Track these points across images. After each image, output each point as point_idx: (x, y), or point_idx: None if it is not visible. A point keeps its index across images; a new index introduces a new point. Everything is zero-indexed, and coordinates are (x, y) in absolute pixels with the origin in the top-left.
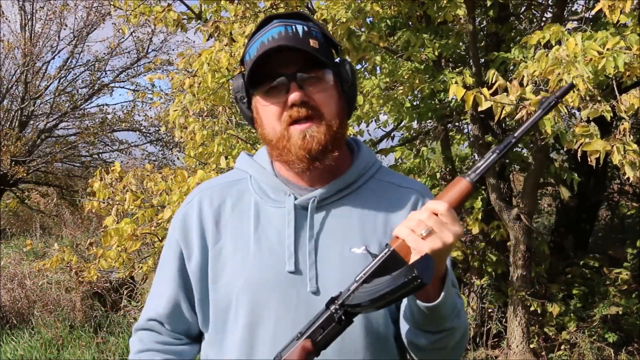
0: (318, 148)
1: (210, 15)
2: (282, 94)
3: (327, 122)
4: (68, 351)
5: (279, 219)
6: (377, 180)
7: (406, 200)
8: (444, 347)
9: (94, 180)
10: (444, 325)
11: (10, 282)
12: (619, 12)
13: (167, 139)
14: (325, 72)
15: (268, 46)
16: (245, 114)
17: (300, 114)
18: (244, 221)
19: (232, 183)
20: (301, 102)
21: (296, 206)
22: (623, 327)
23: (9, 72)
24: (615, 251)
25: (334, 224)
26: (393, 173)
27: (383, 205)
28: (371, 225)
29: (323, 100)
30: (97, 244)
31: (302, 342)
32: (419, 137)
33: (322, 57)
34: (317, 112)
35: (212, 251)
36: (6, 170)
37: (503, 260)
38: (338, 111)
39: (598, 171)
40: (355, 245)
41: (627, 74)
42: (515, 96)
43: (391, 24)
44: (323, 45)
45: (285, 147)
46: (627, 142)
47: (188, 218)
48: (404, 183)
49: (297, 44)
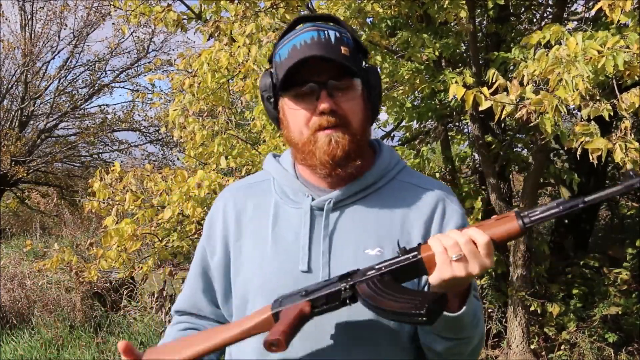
0: (342, 155)
1: (210, 15)
2: (312, 99)
3: (353, 130)
4: (68, 351)
5: (297, 220)
6: (399, 182)
7: (424, 201)
8: (461, 353)
9: (94, 181)
10: (462, 333)
11: (10, 282)
12: (619, 11)
13: (167, 139)
14: (355, 81)
15: (301, 52)
16: (270, 113)
17: (329, 123)
18: (263, 221)
19: (257, 184)
20: (330, 111)
21: (312, 207)
22: (623, 327)
23: (9, 72)
24: (615, 251)
25: (349, 225)
26: (415, 174)
27: (401, 206)
28: (387, 226)
29: (351, 109)
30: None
31: (302, 303)
32: (419, 137)
33: (352, 67)
34: (345, 121)
35: (234, 248)
36: (6, 170)
37: (503, 260)
38: (363, 119)
39: (598, 171)
40: (370, 246)
41: (627, 73)
42: (515, 95)
43: (391, 24)
44: (353, 52)
45: (310, 152)
46: (629, 140)
47: (213, 218)
48: (425, 184)
49: (330, 53)
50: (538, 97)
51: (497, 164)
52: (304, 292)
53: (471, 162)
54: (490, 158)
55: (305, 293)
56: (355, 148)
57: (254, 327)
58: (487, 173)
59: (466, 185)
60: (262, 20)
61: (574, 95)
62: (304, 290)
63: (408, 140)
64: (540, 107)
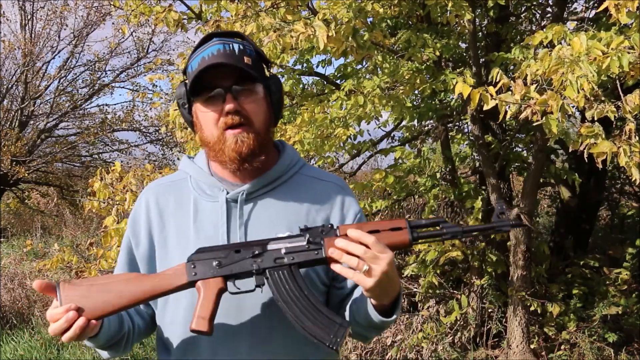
0: (247, 152)
1: (210, 15)
2: (219, 103)
3: (257, 129)
4: (68, 351)
5: (214, 212)
6: (301, 175)
7: (326, 191)
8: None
9: (94, 180)
10: (391, 324)
11: (10, 282)
12: (624, 11)
13: (167, 139)
14: (256, 85)
15: (208, 62)
16: (186, 118)
17: (234, 121)
18: (185, 216)
19: (176, 182)
20: (235, 111)
21: (227, 200)
22: (623, 327)
23: (9, 72)
24: (615, 251)
25: (261, 214)
26: (315, 169)
27: (306, 196)
28: (295, 213)
29: (254, 110)
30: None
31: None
32: (419, 137)
33: (254, 73)
34: (248, 120)
35: (158, 240)
36: (6, 170)
37: (503, 260)
38: (266, 120)
39: (598, 171)
40: (281, 231)
41: (631, 73)
42: (519, 95)
43: (392, 24)
44: (255, 62)
45: (220, 149)
46: (633, 143)
47: (137, 213)
48: (325, 177)
49: (233, 61)
50: (543, 97)
51: (497, 164)
52: (217, 261)
53: (471, 162)
54: (490, 158)
55: (218, 264)
56: (259, 145)
57: (168, 288)
58: (487, 173)
59: (466, 185)
60: (262, 20)
61: (578, 96)
62: (217, 260)
63: (408, 140)
64: (547, 107)
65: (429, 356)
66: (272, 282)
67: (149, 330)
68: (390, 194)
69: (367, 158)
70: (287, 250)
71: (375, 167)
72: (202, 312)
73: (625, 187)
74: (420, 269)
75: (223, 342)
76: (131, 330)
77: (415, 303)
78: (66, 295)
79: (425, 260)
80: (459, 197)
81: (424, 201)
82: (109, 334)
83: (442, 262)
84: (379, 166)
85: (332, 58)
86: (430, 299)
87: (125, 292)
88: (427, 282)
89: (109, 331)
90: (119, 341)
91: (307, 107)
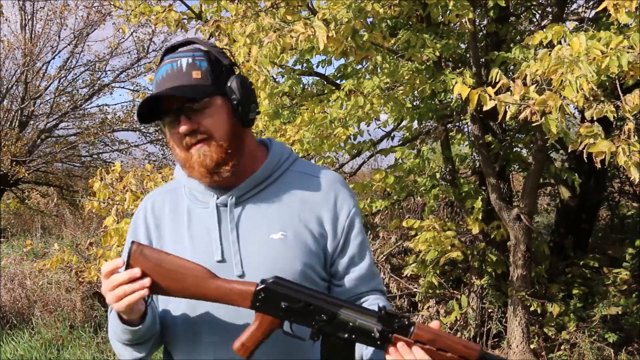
0: (212, 164)
1: (210, 15)
2: (177, 125)
3: (218, 141)
4: (68, 351)
5: (206, 217)
6: (293, 172)
7: (319, 187)
8: None
9: (94, 180)
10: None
11: (10, 282)
12: (623, 11)
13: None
14: (211, 99)
15: (157, 88)
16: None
17: (192, 141)
18: (180, 223)
19: (172, 190)
20: (191, 132)
21: (218, 205)
22: (623, 327)
23: (9, 72)
24: (615, 251)
25: (253, 215)
26: (308, 164)
27: (299, 194)
28: (287, 212)
29: (211, 124)
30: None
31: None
32: (419, 137)
33: (203, 88)
34: (208, 135)
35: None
36: (6, 170)
37: (503, 260)
38: (229, 128)
39: (598, 171)
40: (274, 231)
41: (630, 73)
42: (519, 95)
43: (392, 25)
44: (206, 73)
45: (190, 166)
46: (632, 142)
47: (137, 221)
48: (317, 172)
49: (178, 82)
50: (542, 97)
51: (497, 164)
52: (285, 305)
53: (471, 162)
54: (490, 158)
55: (285, 311)
56: (223, 156)
57: (227, 303)
58: (487, 173)
59: (466, 185)
60: (262, 20)
61: (577, 96)
62: (286, 304)
63: (408, 140)
64: (546, 108)
65: None
66: (324, 343)
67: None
68: (390, 194)
69: (367, 158)
70: (354, 328)
71: (375, 167)
72: (248, 341)
73: (625, 187)
74: (420, 269)
75: (225, 342)
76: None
77: (415, 303)
78: (136, 261)
79: (425, 260)
80: (459, 197)
81: (424, 201)
82: (148, 326)
83: (442, 262)
84: (379, 166)
85: (332, 58)
86: (430, 299)
87: (191, 288)
88: (427, 282)
89: (149, 323)
90: (149, 340)
91: (307, 107)
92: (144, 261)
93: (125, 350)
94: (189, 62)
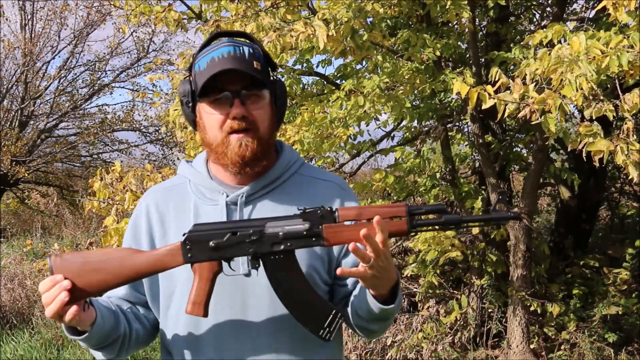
0: (251, 156)
1: (210, 15)
2: (226, 106)
3: (261, 134)
4: (68, 351)
5: (215, 215)
6: (301, 175)
7: (325, 190)
8: (388, 326)
9: (94, 180)
10: (393, 316)
11: (10, 282)
12: (623, 10)
13: (167, 139)
14: (264, 91)
15: (219, 64)
16: (188, 116)
17: (240, 126)
18: (186, 220)
19: (174, 187)
20: (242, 117)
21: (227, 203)
22: (623, 327)
23: (9, 72)
24: (615, 251)
25: (261, 215)
26: (314, 168)
27: (305, 196)
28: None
29: (260, 116)
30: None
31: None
32: (419, 137)
33: (263, 79)
34: (254, 126)
35: (159, 244)
36: (6, 170)
37: (503, 260)
38: (270, 125)
39: (598, 171)
40: None
41: (630, 72)
42: (518, 94)
43: (391, 24)
44: (264, 66)
45: (223, 152)
46: (630, 142)
47: (137, 218)
48: (324, 176)
49: (244, 66)
50: (542, 95)
51: (497, 164)
52: (213, 243)
53: (471, 162)
54: (490, 158)
55: (215, 247)
56: (262, 150)
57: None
58: (487, 173)
59: (466, 185)
60: (262, 20)
61: (577, 95)
62: (214, 242)
63: (408, 140)
64: (545, 106)
65: (429, 356)
66: (267, 267)
67: (149, 337)
68: (390, 194)
69: (367, 158)
70: (284, 235)
71: (375, 167)
72: (196, 298)
73: (625, 187)
74: (420, 269)
75: (228, 343)
76: (127, 334)
77: (415, 303)
78: (60, 270)
79: (425, 260)
80: (459, 197)
81: (424, 201)
82: (102, 331)
83: (442, 262)
84: (379, 166)
85: (332, 58)
86: (430, 299)
87: (119, 272)
88: (427, 282)
89: (102, 328)
90: (114, 342)
91: (307, 107)
92: (68, 266)
93: (95, 353)
94: (250, 51)
